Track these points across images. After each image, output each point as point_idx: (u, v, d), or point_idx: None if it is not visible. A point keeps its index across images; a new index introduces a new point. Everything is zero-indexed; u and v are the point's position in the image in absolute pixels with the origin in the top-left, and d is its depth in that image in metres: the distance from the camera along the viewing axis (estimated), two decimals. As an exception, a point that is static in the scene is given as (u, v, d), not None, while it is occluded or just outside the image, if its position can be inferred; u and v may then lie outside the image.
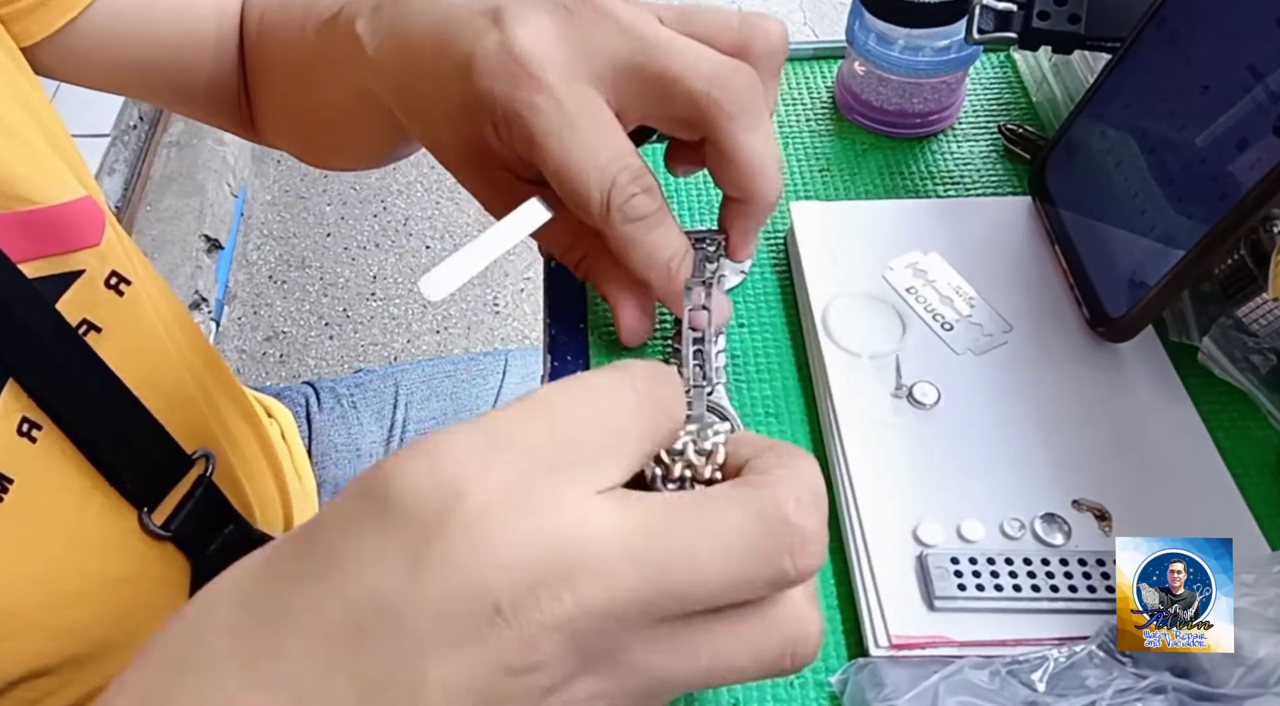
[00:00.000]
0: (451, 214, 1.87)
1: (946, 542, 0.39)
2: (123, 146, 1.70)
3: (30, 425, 0.39)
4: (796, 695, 0.37)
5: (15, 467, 0.39)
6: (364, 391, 0.77)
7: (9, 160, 0.39)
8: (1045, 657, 0.35)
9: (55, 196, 0.41)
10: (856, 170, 0.56)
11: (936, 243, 0.50)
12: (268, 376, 1.65)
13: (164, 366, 0.47)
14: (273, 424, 0.70)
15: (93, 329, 0.42)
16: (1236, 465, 0.42)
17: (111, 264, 0.44)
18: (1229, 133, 0.40)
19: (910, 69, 0.54)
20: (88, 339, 0.42)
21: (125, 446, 0.44)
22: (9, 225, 0.39)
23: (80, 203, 0.42)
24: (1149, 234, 0.43)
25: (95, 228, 0.43)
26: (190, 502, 0.47)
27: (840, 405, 0.44)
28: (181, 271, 1.61)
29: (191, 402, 0.50)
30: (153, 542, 0.46)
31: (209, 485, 0.48)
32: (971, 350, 0.46)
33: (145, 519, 0.45)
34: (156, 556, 0.46)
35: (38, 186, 0.40)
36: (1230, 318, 0.44)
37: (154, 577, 0.46)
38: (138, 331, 0.45)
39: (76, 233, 0.42)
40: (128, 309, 0.44)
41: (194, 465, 0.48)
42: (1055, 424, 0.43)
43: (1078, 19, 0.50)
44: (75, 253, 0.41)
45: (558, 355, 0.49)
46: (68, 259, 0.41)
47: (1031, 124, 0.58)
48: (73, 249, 0.41)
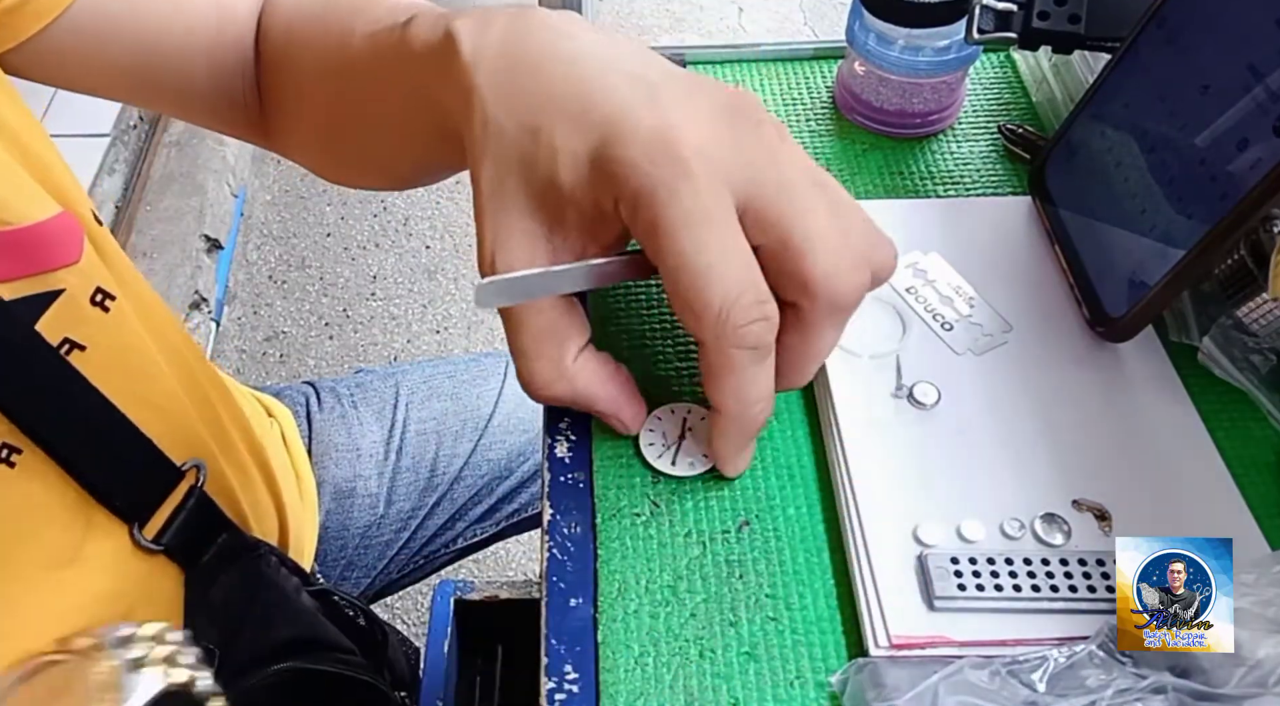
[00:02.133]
0: (451, 214, 1.87)
1: (946, 542, 0.39)
2: (123, 146, 1.70)
3: (10, 450, 0.39)
4: (796, 695, 0.37)
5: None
6: (365, 391, 0.77)
7: None
8: (1045, 657, 0.35)
9: (30, 215, 0.39)
10: (856, 170, 0.56)
11: (936, 243, 0.50)
12: (268, 376, 1.65)
13: (153, 379, 0.47)
14: (273, 424, 0.70)
15: (76, 347, 0.41)
16: (1236, 465, 0.42)
17: (95, 280, 0.43)
18: (1229, 133, 0.40)
19: (910, 69, 0.54)
20: (71, 358, 0.41)
21: (112, 464, 0.43)
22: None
23: (56, 220, 0.41)
24: (1149, 234, 0.43)
25: (74, 244, 0.41)
26: (182, 514, 0.47)
27: (840, 405, 0.44)
28: (181, 271, 1.61)
29: (181, 413, 0.49)
30: (145, 556, 0.46)
31: (201, 496, 0.48)
32: (971, 350, 0.46)
33: (136, 534, 0.45)
34: (149, 570, 0.46)
35: (10, 207, 0.39)
36: (1230, 318, 0.44)
37: (146, 591, 0.46)
38: (125, 346, 0.45)
39: (54, 251, 0.41)
40: (114, 324, 0.44)
41: (185, 477, 0.47)
42: (1055, 424, 0.43)
43: (1078, 19, 0.50)
44: (54, 272, 0.40)
45: (558, 355, 0.49)
46: (46, 279, 0.40)
47: (1031, 124, 0.58)
48: (51, 268, 0.40)
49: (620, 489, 0.43)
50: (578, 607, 0.40)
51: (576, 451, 0.45)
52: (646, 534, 0.42)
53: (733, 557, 0.41)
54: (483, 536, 0.78)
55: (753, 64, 0.63)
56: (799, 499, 0.43)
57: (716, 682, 0.38)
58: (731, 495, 0.43)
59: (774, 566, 0.41)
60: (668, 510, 0.43)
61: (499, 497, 0.77)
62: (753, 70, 0.62)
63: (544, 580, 0.41)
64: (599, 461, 0.44)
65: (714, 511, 0.42)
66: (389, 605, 1.37)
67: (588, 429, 0.46)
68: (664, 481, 0.43)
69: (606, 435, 0.45)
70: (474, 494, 0.76)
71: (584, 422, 0.46)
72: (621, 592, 0.40)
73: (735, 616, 0.39)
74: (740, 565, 0.41)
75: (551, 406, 0.47)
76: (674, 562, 0.41)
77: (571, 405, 0.41)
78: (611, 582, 0.40)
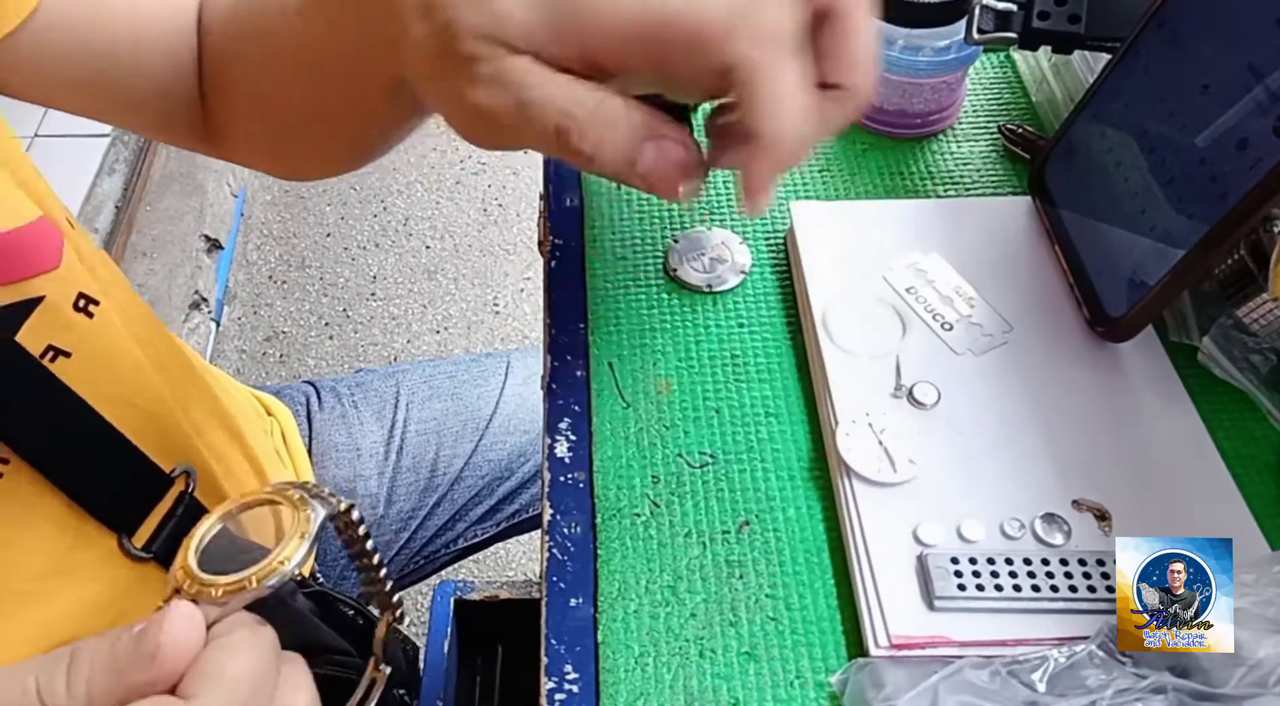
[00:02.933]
0: (451, 214, 1.87)
1: (946, 542, 0.39)
2: (123, 146, 1.70)
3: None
4: (796, 695, 0.37)
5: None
6: (365, 391, 0.77)
7: None
8: (1045, 657, 0.35)
9: (5, 223, 0.39)
10: (856, 170, 0.56)
11: (936, 243, 0.50)
12: (268, 376, 1.65)
13: (139, 385, 0.46)
14: (272, 423, 0.70)
15: (60, 354, 0.41)
16: (1236, 465, 0.42)
17: (76, 285, 0.42)
18: (1229, 133, 0.40)
19: (910, 69, 0.54)
20: (54, 365, 0.41)
21: (99, 474, 0.43)
22: None
23: (33, 226, 0.40)
24: (1149, 234, 0.43)
25: (52, 251, 0.41)
26: (171, 521, 0.46)
27: (840, 405, 0.44)
28: (181, 271, 1.61)
29: (169, 418, 0.48)
30: (134, 564, 0.45)
31: (191, 502, 0.48)
32: (971, 350, 0.46)
33: (125, 543, 0.44)
34: (138, 577, 0.46)
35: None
36: (1230, 318, 0.44)
37: (136, 599, 0.46)
38: (109, 352, 0.44)
39: (31, 258, 0.40)
40: (97, 330, 0.43)
41: (174, 483, 0.47)
42: (1055, 424, 0.43)
43: (1078, 19, 0.50)
44: (32, 279, 0.40)
45: (557, 355, 0.49)
46: (23, 286, 0.39)
47: (1031, 124, 0.58)
48: (28, 275, 0.40)
49: (620, 489, 0.43)
50: (578, 607, 0.40)
51: (576, 451, 0.45)
52: (646, 534, 0.42)
53: (733, 557, 0.41)
54: (483, 537, 0.78)
55: (753, 64, 0.63)
56: (799, 499, 0.43)
57: (716, 682, 0.38)
58: (731, 495, 0.43)
59: (774, 566, 0.41)
60: (668, 510, 0.43)
61: (499, 498, 0.77)
62: (753, 70, 0.62)
63: (544, 580, 0.41)
64: (599, 461, 0.44)
65: (714, 511, 0.42)
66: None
67: (588, 429, 0.46)
68: (664, 481, 0.43)
69: (607, 435, 0.45)
70: (474, 494, 0.76)
71: (584, 423, 0.46)
72: (621, 592, 0.40)
73: (735, 616, 0.39)
74: (740, 565, 0.41)
75: (552, 406, 0.47)
76: (674, 562, 0.41)
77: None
78: (611, 582, 0.40)
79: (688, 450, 0.45)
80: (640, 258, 0.52)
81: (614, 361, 0.48)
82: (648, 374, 0.47)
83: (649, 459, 0.44)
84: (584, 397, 0.47)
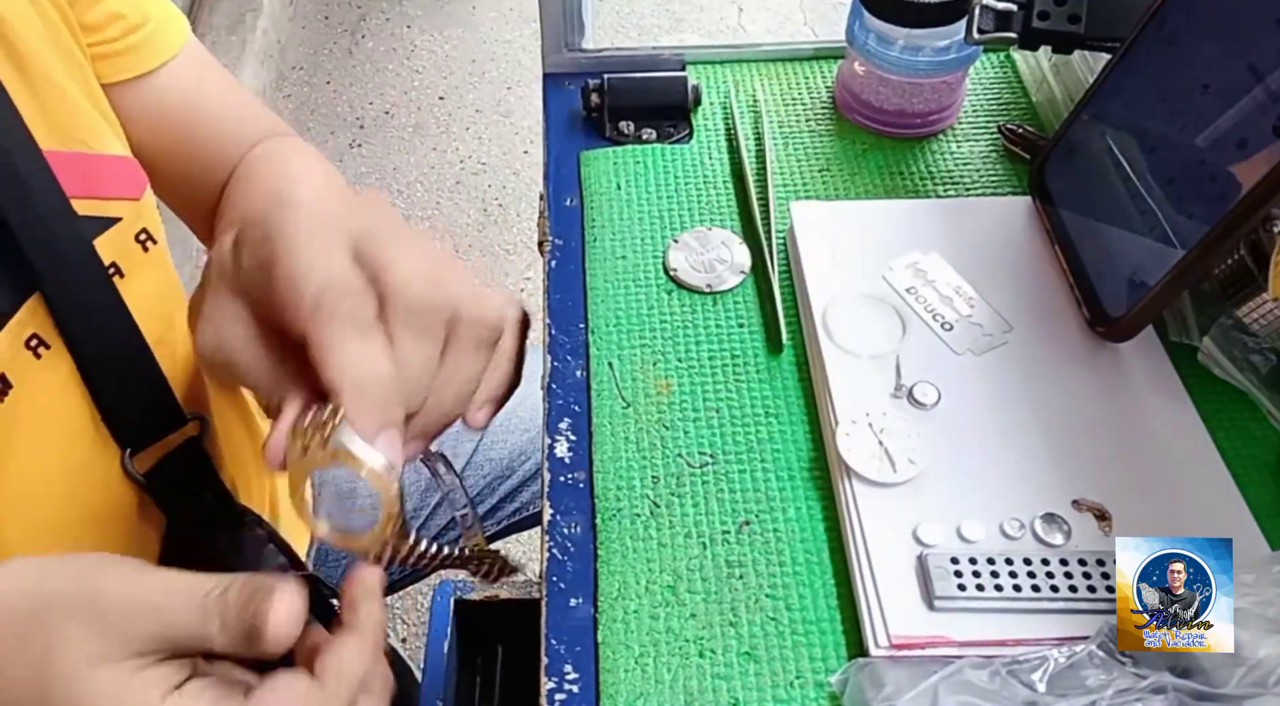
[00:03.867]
0: (451, 214, 1.87)
1: (946, 542, 0.39)
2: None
3: (39, 342, 0.42)
4: (796, 695, 0.37)
5: (16, 375, 0.41)
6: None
7: (74, 110, 0.44)
8: (1045, 657, 0.35)
9: (108, 148, 0.45)
10: (856, 170, 0.56)
11: (936, 243, 0.50)
12: (268, 376, 1.65)
13: (173, 327, 0.50)
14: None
15: (119, 273, 0.45)
16: (1236, 465, 0.42)
17: (144, 221, 0.47)
18: (1229, 133, 0.40)
19: (910, 69, 0.54)
20: (114, 280, 0.45)
21: (125, 384, 0.46)
22: (70, 162, 0.42)
23: (127, 160, 0.47)
24: (1149, 234, 0.43)
25: (138, 184, 0.47)
26: (175, 458, 0.49)
27: (840, 405, 0.44)
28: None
29: (194, 368, 0.51)
30: (131, 488, 0.47)
31: (197, 448, 0.50)
32: (971, 350, 0.46)
33: (126, 461, 0.46)
34: (134, 504, 0.48)
35: (96, 135, 0.45)
36: (1230, 318, 0.44)
37: (129, 527, 0.48)
38: (156, 287, 0.48)
39: (121, 182, 0.46)
40: (150, 265, 0.48)
41: (187, 425, 0.49)
42: (1055, 424, 0.43)
43: (1078, 19, 0.50)
44: (116, 200, 0.45)
45: (558, 355, 0.49)
46: (108, 204, 0.45)
47: (1031, 124, 0.58)
48: (116, 196, 0.45)
49: (620, 489, 0.43)
50: (578, 607, 0.40)
51: (576, 451, 0.45)
52: (646, 534, 0.42)
53: (733, 557, 0.41)
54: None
55: (753, 64, 0.63)
56: (799, 499, 0.43)
57: (716, 682, 0.38)
58: (731, 495, 0.43)
59: (774, 566, 0.41)
60: (668, 510, 0.43)
61: (501, 497, 0.77)
62: (753, 70, 0.62)
63: (544, 580, 0.41)
64: (599, 461, 0.44)
65: (714, 511, 0.42)
66: (389, 605, 1.37)
67: (588, 429, 0.46)
68: (664, 481, 0.43)
69: (606, 435, 0.45)
70: (476, 493, 0.76)
71: (584, 422, 0.46)
72: (621, 592, 0.40)
73: (735, 616, 0.39)
74: (740, 565, 0.41)
75: (552, 406, 0.47)
76: (674, 562, 0.41)
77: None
78: (611, 582, 0.40)
79: (688, 450, 0.45)
80: (640, 258, 0.52)
81: (614, 361, 0.48)
82: (648, 374, 0.47)
83: (649, 459, 0.44)
84: (584, 398, 0.47)
